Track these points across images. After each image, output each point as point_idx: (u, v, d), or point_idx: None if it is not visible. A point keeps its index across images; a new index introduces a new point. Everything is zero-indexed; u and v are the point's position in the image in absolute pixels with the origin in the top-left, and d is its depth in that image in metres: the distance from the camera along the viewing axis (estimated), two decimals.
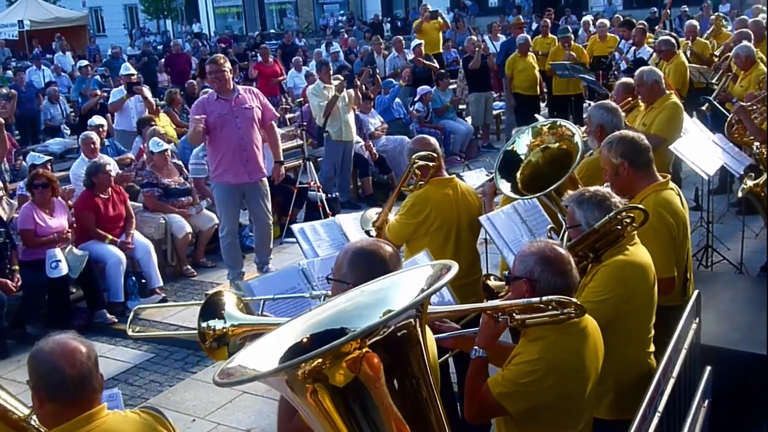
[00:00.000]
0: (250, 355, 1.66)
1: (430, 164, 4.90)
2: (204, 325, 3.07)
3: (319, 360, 1.45)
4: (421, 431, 1.56)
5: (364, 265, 2.79)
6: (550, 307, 2.94)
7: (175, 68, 20.00)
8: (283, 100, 16.61)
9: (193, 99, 14.64)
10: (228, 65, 7.89)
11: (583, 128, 5.44)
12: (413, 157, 4.89)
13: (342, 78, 11.17)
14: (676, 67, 10.09)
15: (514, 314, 3.04)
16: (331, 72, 11.41)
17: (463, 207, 4.99)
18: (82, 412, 2.68)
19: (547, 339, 3.05)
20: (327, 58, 15.85)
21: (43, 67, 20.85)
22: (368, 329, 1.47)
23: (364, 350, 1.47)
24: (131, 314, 3.71)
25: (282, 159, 8.72)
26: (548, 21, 15.39)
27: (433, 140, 5.13)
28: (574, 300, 2.96)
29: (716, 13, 13.85)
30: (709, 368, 3.86)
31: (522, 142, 4.79)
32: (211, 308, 3.14)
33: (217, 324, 3.04)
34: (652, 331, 3.80)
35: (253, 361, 1.63)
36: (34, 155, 9.78)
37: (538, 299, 2.90)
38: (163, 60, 21.62)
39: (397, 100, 13.49)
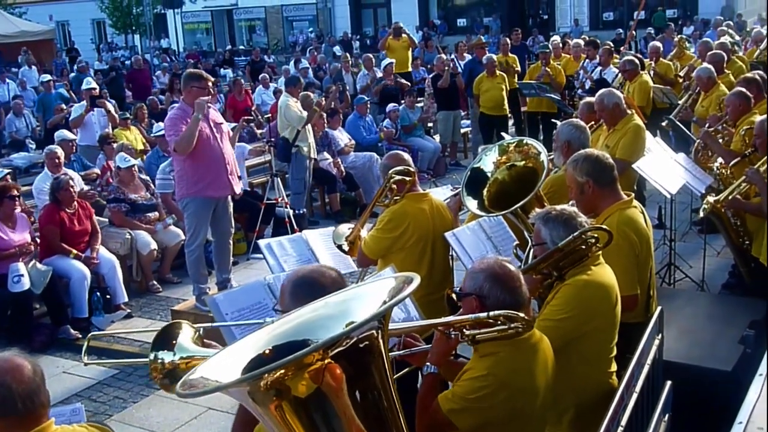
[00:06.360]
0: (213, 366, 1.66)
1: (407, 179, 4.91)
2: (152, 356, 2.89)
3: (282, 371, 1.46)
4: None
5: (306, 296, 2.62)
6: (499, 322, 2.96)
7: (136, 83, 19.90)
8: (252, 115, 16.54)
9: (155, 114, 14.61)
10: None
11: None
12: (390, 172, 4.89)
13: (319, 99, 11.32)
14: (640, 85, 10.32)
15: (464, 330, 3.06)
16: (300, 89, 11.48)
17: (438, 222, 5.00)
18: (31, 428, 2.68)
19: (498, 355, 3.06)
20: (296, 74, 15.87)
21: (8, 80, 20.63)
22: (330, 340, 1.48)
23: (326, 361, 1.49)
24: (85, 343, 3.33)
25: None
26: (507, 40, 15.49)
27: (406, 156, 5.18)
28: (521, 315, 2.97)
29: (679, 35, 14.09)
30: (669, 383, 3.90)
31: (488, 159, 4.83)
32: (165, 340, 2.99)
33: (166, 357, 2.86)
34: (614, 351, 3.83)
35: (216, 372, 1.63)
36: None
37: (485, 314, 2.91)
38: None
39: (369, 117, 13.55)
